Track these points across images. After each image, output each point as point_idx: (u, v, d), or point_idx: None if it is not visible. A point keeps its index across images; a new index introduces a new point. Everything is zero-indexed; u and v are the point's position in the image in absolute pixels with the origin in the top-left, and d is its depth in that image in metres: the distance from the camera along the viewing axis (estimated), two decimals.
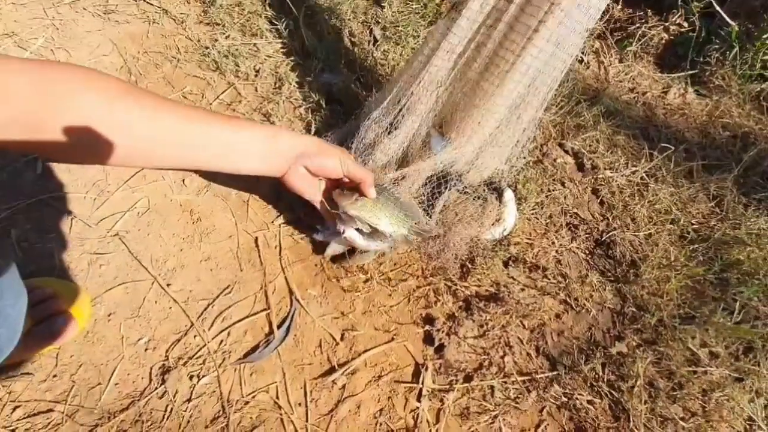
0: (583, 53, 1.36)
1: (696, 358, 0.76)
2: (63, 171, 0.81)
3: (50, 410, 0.63)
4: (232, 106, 0.96)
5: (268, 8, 1.13)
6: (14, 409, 0.62)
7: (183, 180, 0.84)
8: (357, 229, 0.68)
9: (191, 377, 0.66)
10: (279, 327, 0.70)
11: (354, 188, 0.67)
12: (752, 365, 0.75)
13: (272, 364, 0.68)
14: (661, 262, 0.86)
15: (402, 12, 1.26)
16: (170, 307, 0.71)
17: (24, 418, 0.62)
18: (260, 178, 0.65)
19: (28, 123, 0.39)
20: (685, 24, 1.45)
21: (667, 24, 1.45)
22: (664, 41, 1.46)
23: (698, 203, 1.01)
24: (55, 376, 0.65)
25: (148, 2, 1.09)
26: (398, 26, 1.20)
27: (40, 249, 0.73)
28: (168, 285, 0.73)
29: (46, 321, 0.65)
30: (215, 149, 0.53)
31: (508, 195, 0.84)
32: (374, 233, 0.68)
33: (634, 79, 1.32)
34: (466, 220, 0.78)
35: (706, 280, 0.86)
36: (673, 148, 1.08)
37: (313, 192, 0.66)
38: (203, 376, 0.66)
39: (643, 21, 1.48)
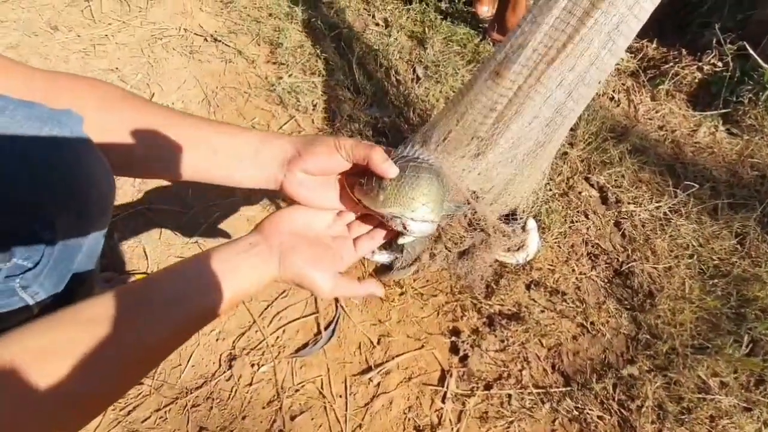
0: (614, 91, 1.43)
1: (706, 386, 0.81)
2: (154, 189, 0.98)
3: (141, 383, 0.77)
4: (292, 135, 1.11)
5: (325, 50, 1.29)
6: None
7: (250, 198, 0.99)
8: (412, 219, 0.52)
9: (252, 365, 0.79)
10: (326, 328, 0.83)
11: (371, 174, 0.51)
12: (762, 396, 0.80)
13: (319, 360, 0.80)
14: (677, 293, 0.92)
15: (443, 52, 1.39)
16: (237, 306, 0.85)
17: None
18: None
19: None
20: (720, 63, 1.49)
21: (701, 63, 1.50)
22: (697, 80, 1.51)
23: (721, 240, 1.05)
24: None
25: (224, 44, 1.28)
26: (439, 65, 1.33)
27: (137, 251, 0.90)
28: None
29: None
30: (205, 153, 0.49)
31: (531, 224, 0.92)
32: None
33: (664, 117, 1.38)
34: (491, 245, 0.87)
35: (722, 313, 0.91)
36: (698, 185, 1.13)
37: (324, 202, 0.52)
38: (262, 365, 0.79)
39: (677, 60, 1.54)
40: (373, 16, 1.48)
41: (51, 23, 1.30)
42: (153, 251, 0.90)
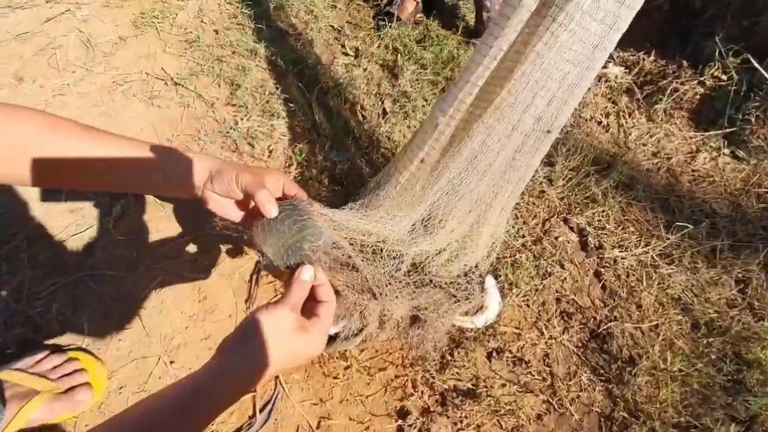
0: (602, 115, 1.32)
1: None
2: (100, 250, 0.94)
3: None
4: None
5: (287, 89, 1.23)
6: None
7: (196, 260, 0.94)
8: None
9: None
10: (261, 411, 0.76)
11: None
12: None
13: None
14: (661, 360, 0.81)
15: (415, 81, 1.31)
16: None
17: None
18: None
19: None
20: (724, 77, 1.36)
21: (702, 78, 1.37)
22: (699, 95, 1.38)
23: (719, 288, 0.94)
24: None
25: (185, 87, 1.24)
26: (409, 97, 1.25)
27: (74, 322, 0.86)
28: (171, 362, 0.82)
29: (70, 391, 0.76)
30: (135, 172, 0.56)
31: (490, 282, 0.84)
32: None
33: (659, 141, 1.26)
34: (445, 309, 0.79)
35: (714, 382, 0.80)
36: (693, 225, 1.01)
37: (228, 214, 0.61)
38: None
39: (677, 74, 1.41)
40: (343, 45, 1.41)
41: (17, 75, 1.29)
42: (91, 323, 0.86)
